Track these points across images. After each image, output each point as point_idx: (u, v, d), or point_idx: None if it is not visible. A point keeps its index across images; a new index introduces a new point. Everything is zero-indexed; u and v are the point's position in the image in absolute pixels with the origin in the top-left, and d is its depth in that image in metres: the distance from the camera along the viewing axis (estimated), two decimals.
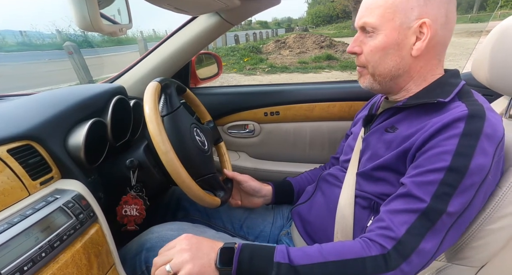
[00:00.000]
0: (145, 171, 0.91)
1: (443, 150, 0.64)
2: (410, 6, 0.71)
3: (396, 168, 0.74)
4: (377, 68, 0.78)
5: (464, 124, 0.64)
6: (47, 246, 0.58)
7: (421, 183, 0.65)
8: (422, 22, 0.71)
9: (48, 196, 0.68)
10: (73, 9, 0.60)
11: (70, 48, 6.80)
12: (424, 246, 0.62)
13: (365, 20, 0.75)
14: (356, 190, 0.83)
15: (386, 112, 0.84)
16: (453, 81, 0.76)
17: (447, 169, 0.63)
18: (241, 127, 1.62)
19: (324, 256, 0.65)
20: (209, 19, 1.26)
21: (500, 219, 0.70)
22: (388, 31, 0.73)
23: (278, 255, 0.66)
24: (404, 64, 0.76)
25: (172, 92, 0.92)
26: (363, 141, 0.88)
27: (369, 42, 0.76)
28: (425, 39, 0.72)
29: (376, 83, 0.80)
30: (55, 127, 0.80)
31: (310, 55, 12.12)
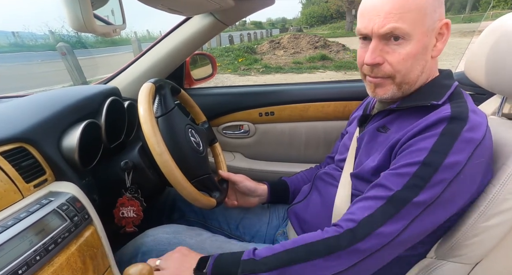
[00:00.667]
0: (140, 172, 0.91)
1: (420, 147, 0.66)
2: (434, 9, 0.70)
3: (386, 169, 0.74)
4: (407, 76, 0.73)
5: (445, 125, 0.66)
6: (41, 249, 0.57)
7: (393, 175, 0.67)
8: (444, 23, 0.72)
9: (42, 198, 0.67)
10: (66, 10, 0.60)
11: (63, 49, 6.76)
12: (384, 229, 0.64)
13: (394, 25, 0.68)
14: (352, 189, 0.83)
15: (380, 113, 0.84)
16: (446, 83, 0.77)
17: (421, 163, 0.64)
18: (236, 128, 1.62)
19: (284, 246, 0.70)
20: (203, 20, 1.26)
21: (494, 217, 0.71)
22: (420, 36, 0.69)
23: (245, 254, 0.71)
24: (427, 68, 0.75)
25: (167, 93, 0.92)
26: (358, 141, 0.88)
27: (397, 50, 0.71)
28: (445, 40, 0.73)
29: (399, 92, 0.76)
30: (49, 129, 0.79)
31: (304, 56, 12.14)
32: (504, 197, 0.70)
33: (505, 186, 0.70)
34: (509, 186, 0.69)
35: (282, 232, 1.04)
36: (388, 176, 0.68)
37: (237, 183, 1.08)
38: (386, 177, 0.69)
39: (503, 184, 0.70)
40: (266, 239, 1.07)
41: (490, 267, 0.77)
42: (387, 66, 0.73)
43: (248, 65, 10.55)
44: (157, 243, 0.87)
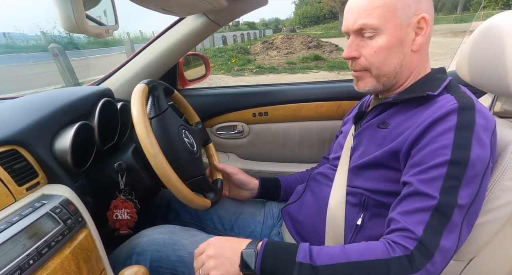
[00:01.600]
0: (134, 174, 0.90)
1: (441, 145, 0.65)
2: (407, 4, 0.73)
3: (388, 164, 0.74)
4: (382, 69, 0.77)
5: (457, 116, 0.65)
6: (35, 253, 0.57)
7: (427, 180, 0.65)
8: (421, 17, 0.73)
9: (35, 201, 0.66)
10: (58, 10, 0.59)
11: (55, 50, 6.69)
12: (444, 243, 0.61)
13: (363, 22, 0.74)
14: (348, 187, 0.83)
15: (376, 108, 0.85)
16: (440, 76, 0.78)
17: (449, 163, 0.63)
18: (230, 129, 1.62)
19: (347, 256, 0.64)
20: (197, 20, 1.26)
21: (486, 214, 0.72)
22: (391, 30, 0.73)
23: (300, 255, 0.65)
24: (406, 61, 0.77)
25: (160, 94, 0.91)
26: (354, 138, 0.88)
27: (370, 44, 0.76)
28: (424, 34, 0.75)
29: (379, 85, 0.80)
30: (41, 132, 0.78)
31: (297, 56, 12.18)
32: (496, 194, 0.71)
33: (497, 183, 0.71)
34: (501, 183, 0.70)
35: (277, 232, 1.04)
36: (421, 181, 0.65)
37: (231, 175, 1.10)
38: (420, 183, 0.65)
39: (495, 181, 0.71)
40: None
41: (484, 263, 0.78)
42: (362, 59, 0.78)
43: (241, 66, 10.56)
44: (152, 243, 0.86)
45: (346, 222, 0.81)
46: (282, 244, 0.71)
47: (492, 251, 0.77)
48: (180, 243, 0.87)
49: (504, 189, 0.70)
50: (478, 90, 0.89)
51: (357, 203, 0.80)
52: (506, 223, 0.73)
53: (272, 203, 1.15)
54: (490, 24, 0.81)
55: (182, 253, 0.85)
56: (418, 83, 0.79)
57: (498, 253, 0.78)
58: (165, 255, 0.84)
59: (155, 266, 0.84)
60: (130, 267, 0.64)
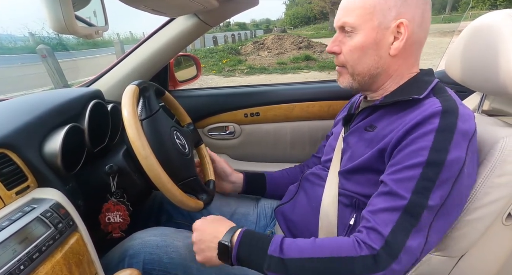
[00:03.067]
0: (125, 176, 0.89)
1: (420, 146, 0.66)
2: (388, 7, 0.73)
3: (376, 168, 0.75)
4: (356, 68, 0.79)
5: (439, 119, 0.66)
6: (25, 258, 0.56)
7: (400, 180, 0.66)
8: (399, 22, 0.73)
9: (25, 206, 0.65)
10: (47, 11, 0.58)
11: (44, 52, 6.60)
12: (411, 243, 0.63)
13: (344, 20, 0.77)
14: (339, 188, 0.84)
15: (364, 111, 0.85)
16: (427, 79, 0.79)
17: (425, 164, 0.64)
18: (222, 129, 1.62)
19: (315, 252, 0.67)
20: (187, 21, 1.25)
21: (476, 210, 0.73)
22: (367, 31, 0.75)
23: (271, 247, 0.69)
24: (382, 63, 0.77)
25: (151, 95, 0.91)
26: (343, 141, 0.89)
27: (348, 41, 0.78)
28: (402, 39, 0.74)
29: (355, 83, 0.82)
30: (30, 134, 0.77)
31: (288, 56, 12.22)
32: (486, 191, 0.72)
33: (487, 180, 0.72)
34: (490, 180, 0.72)
35: (271, 232, 1.04)
36: (395, 181, 0.67)
37: (215, 162, 1.13)
38: (394, 183, 0.67)
39: (485, 178, 0.72)
40: None
41: (474, 258, 0.80)
42: (342, 55, 0.81)
43: (232, 66, 10.55)
44: (145, 246, 0.86)
45: (339, 221, 0.82)
46: (258, 234, 0.75)
47: (482, 247, 0.78)
48: (173, 245, 0.86)
49: (493, 186, 0.72)
50: (467, 89, 0.90)
51: (349, 204, 0.81)
52: (495, 219, 0.74)
53: (265, 203, 1.15)
54: (478, 24, 0.83)
55: (175, 255, 0.84)
56: (404, 86, 0.79)
57: (489, 249, 0.79)
58: (158, 257, 0.84)
59: (148, 269, 0.83)
60: (123, 271, 0.63)
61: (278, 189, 1.14)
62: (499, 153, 0.71)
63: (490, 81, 0.78)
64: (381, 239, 0.64)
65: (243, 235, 0.74)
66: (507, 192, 0.72)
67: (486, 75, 0.78)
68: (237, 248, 0.72)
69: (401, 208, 0.64)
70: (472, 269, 0.81)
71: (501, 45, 0.73)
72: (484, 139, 0.76)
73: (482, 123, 0.83)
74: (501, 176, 0.71)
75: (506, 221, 0.75)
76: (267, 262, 0.68)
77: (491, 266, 0.81)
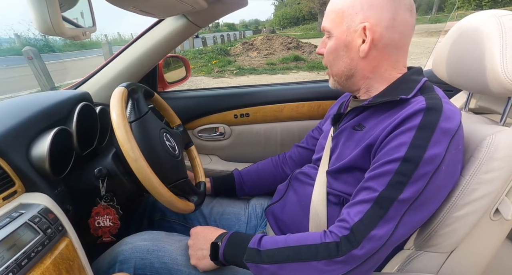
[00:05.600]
0: (115, 179, 0.88)
1: (400, 142, 0.68)
2: (355, 11, 0.76)
3: (364, 167, 0.75)
4: (332, 69, 0.84)
5: (422, 117, 0.67)
6: (14, 265, 0.55)
7: (376, 175, 0.69)
8: (363, 25, 0.75)
9: (12, 211, 0.64)
10: (33, 12, 0.57)
11: (30, 53, 6.49)
12: (376, 232, 0.65)
13: (323, 24, 0.82)
14: (327, 188, 0.85)
15: (353, 111, 0.86)
16: (415, 78, 0.79)
17: (402, 159, 0.66)
18: (212, 131, 1.62)
19: (287, 242, 0.73)
20: (176, 22, 1.25)
21: (464, 206, 0.75)
22: (338, 34, 0.79)
23: (251, 242, 0.76)
24: (354, 65, 0.80)
25: (140, 97, 0.90)
26: (332, 139, 0.90)
27: (327, 44, 0.83)
28: (367, 42, 0.76)
29: (336, 83, 0.87)
30: (17, 138, 0.76)
31: (277, 57, 12.25)
32: (473, 187, 0.74)
33: (474, 176, 0.73)
34: (478, 176, 0.73)
35: (262, 232, 1.04)
36: (372, 176, 0.70)
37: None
38: (370, 178, 0.70)
39: (472, 175, 0.74)
40: None
41: (464, 254, 0.81)
42: (324, 57, 0.86)
43: (221, 67, 10.53)
44: (135, 250, 0.85)
45: (329, 220, 0.83)
46: (244, 235, 0.81)
47: (471, 243, 0.80)
48: (165, 249, 0.86)
49: (480, 182, 0.73)
50: (454, 88, 0.91)
51: (338, 203, 0.82)
52: (483, 215, 0.76)
53: (256, 203, 1.15)
54: (464, 24, 0.84)
55: (166, 260, 0.84)
56: (392, 86, 0.80)
57: (477, 244, 0.81)
58: (149, 263, 0.83)
59: (140, 274, 0.83)
60: None
61: (250, 185, 1.18)
62: (485, 150, 0.73)
63: (476, 80, 0.79)
64: (346, 228, 0.68)
65: (231, 235, 0.80)
66: (494, 188, 0.73)
67: (472, 74, 0.80)
68: (224, 246, 0.78)
69: (372, 200, 0.67)
70: (461, 264, 0.82)
71: (486, 45, 0.74)
72: (471, 136, 0.78)
73: (468, 121, 0.85)
74: (488, 172, 0.72)
75: (494, 216, 0.77)
76: (246, 254, 0.74)
77: (480, 261, 0.83)
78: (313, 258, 0.68)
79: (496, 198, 0.75)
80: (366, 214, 0.67)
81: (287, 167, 1.19)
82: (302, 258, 0.69)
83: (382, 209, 0.66)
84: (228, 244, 0.78)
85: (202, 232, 0.85)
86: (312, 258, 0.69)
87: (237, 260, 0.76)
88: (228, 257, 0.77)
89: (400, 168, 0.66)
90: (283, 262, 0.70)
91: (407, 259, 0.83)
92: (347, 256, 0.66)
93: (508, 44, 0.71)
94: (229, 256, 0.77)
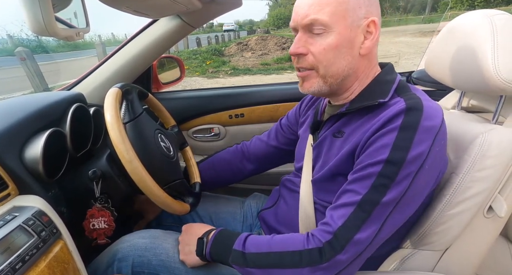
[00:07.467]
0: (109, 181, 0.88)
1: (382, 144, 0.66)
2: (358, 5, 0.70)
3: (347, 173, 0.73)
4: (330, 69, 0.74)
5: (403, 117, 0.66)
6: (8, 269, 0.54)
7: (360, 177, 0.68)
8: (371, 20, 0.71)
9: (6, 214, 0.63)
10: (26, 13, 0.57)
11: (23, 54, 6.43)
12: (360, 236, 0.65)
13: (314, 17, 0.70)
14: (314, 197, 0.83)
15: (332, 118, 0.83)
16: (389, 78, 0.78)
17: (385, 162, 0.65)
18: (206, 131, 1.61)
19: (270, 247, 0.72)
20: (170, 22, 1.24)
21: (458, 204, 0.75)
22: (341, 28, 0.70)
23: (236, 243, 0.75)
24: (354, 64, 0.75)
25: (134, 98, 0.90)
26: (313, 149, 0.87)
27: (318, 41, 0.72)
28: (373, 38, 0.73)
29: (326, 86, 0.76)
30: (10, 140, 0.75)
31: (272, 57, 12.27)
32: (467, 185, 0.74)
33: (467, 174, 0.74)
34: (471, 174, 0.74)
35: (257, 233, 1.04)
36: (354, 179, 0.69)
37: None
38: (353, 181, 0.69)
39: (466, 173, 0.75)
40: None
41: (458, 251, 0.82)
42: (310, 57, 0.74)
43: (216, 68, 10.53)
44: (134, 248, 0.84)
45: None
46: (230, 233, 0.80)
47: (465, 240, 0.81)
48: (162, 247, 0.85)
49: (473, 180, 0.74)
50: (447, 87, 0.92)
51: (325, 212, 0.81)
52: (477, 212, 0.77)
53: (251, 202, 1.15)
54: (456, 24, 0.85)
55: (164, 257, 0.84)
56: (368, 89, 0.78)
57: (471, 241, 0.81)
58: (147, 260, 0.83)
59: (137, 272, 0.82)
60: None
61: (208, 181, 1.14)
62: (478, 148, 0.74)
63: (468, 79, 0.80)
64: (329, 233, 0.67)
65: (218, 233, 0.80)
66: (487, 186, 0.74)
67: (464, 73, 0.80)
68: (210, 244, 0.78)
69: (355, 203, 0.66)
70: (456, 261, 0.83)
71: (478, 44, 0.75)
72: (464, 134, 0.79)
73: (461, 119, 0.85)
74: (481, 170, 0.73)
75: (487, 213, 0.77)
76: (231, 255, 0.74)
77: (474, 258, 0.84)
78: (296, 265, 0.68)
79: (490, 195, 0.76)
80: (349, 218, 0.66)
81: (248, 163, 1.14)
82: (285, 265, 0.69)
83: (365, 212, 0.65)
84: (214, 242, 0.78)
85: (192, 228, 0.86)
86: (295, 265, 0.68)
87: (223, 260, 0.76)
88: (214, 255, 0.78)
89: (383, 170, 0.65)
90: (268, 267, 0.70)
91: (403, 258, 0.84)
92: (330, 262, 0.65)
93: (500, 43, 0.72)
94: (215, 255, 0.78)
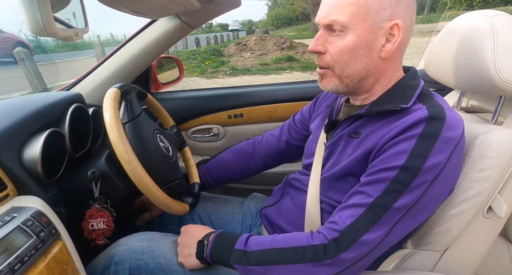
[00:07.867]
0: (108, 181, 0.88)
1: (399, 150, 0.65)
2: (382, 6, 0.68)
3: (359, 174, 0.73)
4: (346, 70, 0.73)
5: (424, 125, 0.65)
6: (7, 270, 0.54)
7: (374, 180, 0.67)
8: (394, 23, 0.69)
9: (5, 215, 0.63)
10: (25, 13, 0.57)
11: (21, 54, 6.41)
12: (367, 237, 0.64)
13: (334, 18, 0.69)
14: (321, 195, 0.83)
15: (349, 118, 0.82)
16: (413, 83, 0.76)
17: (400, 168, 0.64)
18: (205, 131, 1.61)
19: (273, 243, 0.72)
20: (169, 22, 1.24)
21: (459, 204, 0.75)
22: (360, 30, 0.69)
23: (238, 243, 0.75)
24: (373, 66, 0.73)
25: (133, 98, 0.90)
26: (326, 148, 0.86)
27: (336, 41, 0.72)
28: (395, 41, 0.70)
29: (342, 86, 0.76)
30: (8, 141, 0.75)
31: (271, 57, 12.24)
32: (467, 186, 0.74)
33: (468, 175, 0.74)
34: (471, 174, 0.74)
35: (257, 232, 1.03)
36: (367, 182, 0.68)
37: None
38: (366, 183, 0.68)
39: (466, 173, 0.74)
40: None
41: (458, 251, 0.82)
42: (327, 56, 0.74)
43: (215, 68, 10.51)
44: (130, 251, 0.84)
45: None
46: (231, 234, 0.80)
47: (465, 240, 0.81)
48: (159, 250, 0.85)
49: (473, 180, 0.74)
50: (446, 87, 0.92)
51: (332, 211, 0.80)
52: (477, 212, 0.77)
53: (251, 203, 1.15)
54: (455, 24, 0.85)
55: (161, 260, 0.83)
56: (390, 93, 0.76)
57: (471, 242, 0.81)
58: (144, 263, 0.82)
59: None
60: None
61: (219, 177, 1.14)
62: (478, 148, 0.74)
63: (467, 80, 0.80)
64: (336, 231, 0.67)
65: (218, 235, 0.80)
66: (487, 186, 0.74)
67: (463, 74, 0.80)
68: (210, 246, 0.78)
69: (365, 205, 0.66)
70: (456, 261, 0.83)
71: (478, 44, 0.75)
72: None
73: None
74: (482, 170, 0.73)
75: (487, 213, 0.77)
76: (233, 255, 0.73)
77: (474, 258, 0.84)
78: (299, 261, 0.68)
79: (489, 195, 0.75)
80: (358, 218, 0.66)
81: (258, 158, 1.13)
82: (288, 260, 0.69)
83: (375, 215, 0.65)
84: (214, 244, 0.78)
85: (191, 230, 0.85)
86: (298, 261, 0.68)
87: (224, 261, 0.76)
88: (215, 257, 0.77)
89: (397, 176, 0.64)
90: (270, 264, 0.70)
91: (402, 258, 0.84)
92: (334, 259, 0.65)
93: (499, 43, 0.72)
94: (215, 257, 0.77)
